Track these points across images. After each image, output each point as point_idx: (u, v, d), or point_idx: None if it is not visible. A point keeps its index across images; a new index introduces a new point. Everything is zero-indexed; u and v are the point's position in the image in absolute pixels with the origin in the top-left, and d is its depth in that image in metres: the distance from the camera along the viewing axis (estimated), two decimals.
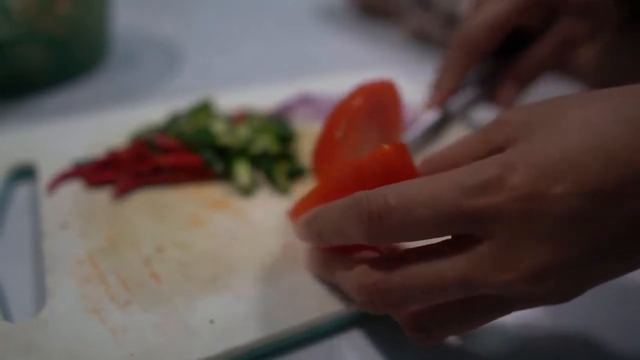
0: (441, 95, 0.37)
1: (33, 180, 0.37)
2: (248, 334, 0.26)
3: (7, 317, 0.28)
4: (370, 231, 0.22)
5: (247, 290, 0.29)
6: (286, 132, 0.40)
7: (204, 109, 0.41)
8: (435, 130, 0.37)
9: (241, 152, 0.37)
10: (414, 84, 0.48)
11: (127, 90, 0.51)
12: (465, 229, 0.21)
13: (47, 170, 0.37)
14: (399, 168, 0.24)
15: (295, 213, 0.29)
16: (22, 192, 0.37)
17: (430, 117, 0.37)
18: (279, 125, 0.40)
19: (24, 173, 0.38)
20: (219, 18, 0.69)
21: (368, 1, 0.71)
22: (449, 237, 0.22)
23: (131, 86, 0.52)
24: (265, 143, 0.38)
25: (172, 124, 0.40)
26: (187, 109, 0.42)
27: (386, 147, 0.24)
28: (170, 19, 0.68)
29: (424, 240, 0.22)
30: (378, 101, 0.33)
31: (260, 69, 0.56)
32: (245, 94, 0.47)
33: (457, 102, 0.38)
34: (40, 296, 0.29)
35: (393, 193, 0.21)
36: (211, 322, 0.27)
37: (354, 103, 0.32)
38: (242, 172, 0.36)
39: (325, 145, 0.33)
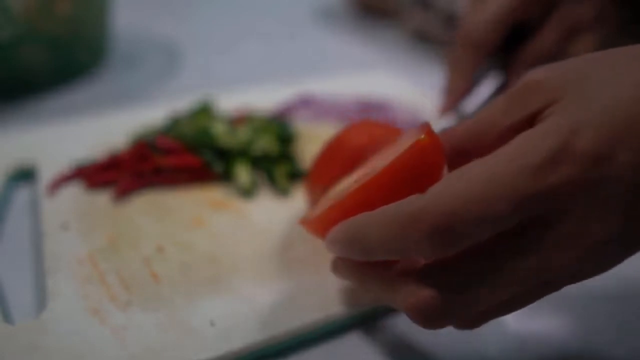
0: (453, 98, 0.36)
1: (34, 181, 0.38)
2: (248, 335, 0.26)
3: (8, 318, 0.28)
4: (440, 246, 0.19)
5: (247, 291, 0.29)
6: (286, 133, 0.40)
7: (204, 110, 0.41)
8: None
9: (241, 153, 0.37)
10: (415, 84, 0.48)
11: (127, 91, 0.51)
12: (538, 212, 0.18)
13: (48, 172, 0.37)
14: (438, 160, 0.22)
15: (321, 224, 0.25)
16: (22, 194, 0.37)
17: (445, 123, 0.36)
18: (279, 126, 0.40)
19: (25, 174, 0.38)
20: (219, 19, 0.69)
21: (368, 1, 0.71)
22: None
23: (132, 87, 0.52)
24: (265, 144, 0.38)
25: (173, 125, 0.40)
26: (188, 110, 0.42)
27: (423, 137, 0.21)
28: (171, 20, 0.68)
29: None
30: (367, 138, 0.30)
31: (260, 69, 0.56)
32: (245, 95, 0.47)
33: (470, 103, 0.37)
34: (41, 297, 0.29)
35: (457, 193, 0.18)
36: (212, 322, 0.27)
37: (341, 139, 0.30)
38: (243, 173, 0.36)
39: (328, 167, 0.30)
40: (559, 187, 0.18)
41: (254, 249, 0.31)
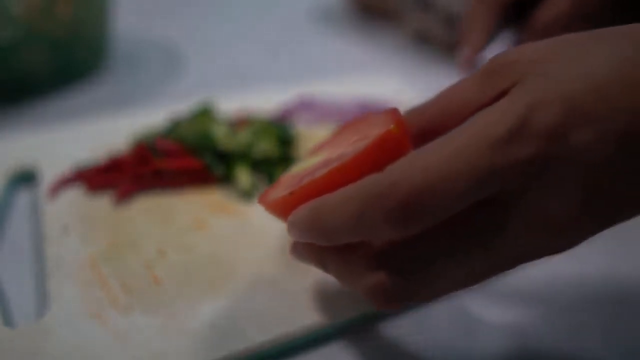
0: (471, 52, 0.36)
1: (34, 184, 0.38)
2: (249, 338, 0.26)
3: (9, 322, 0.28)
4: (402, 225, 0.18)
5: (248, 294, 0.29)
6: (287, 136, 0.40)
7: (204, 113, 0.41)
8: None
9: (242, 155, 0.37)
10: (415, 85, 0.48)
11: (128, 93, 0.51)
12: (497, 189, 0.18)
13: (49, 175, 0.37)
14: (405, 148, 0.22)
15: (282, 207, 0.24)
16: (23, 197, 0.37)
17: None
18: (279, 129, 0.40)
19: (26, 177, 0.38)
20: (220, 21, 0.70)
21: (368, 2, 0.71)
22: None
23: (132, 90, 0.52)
24: (265, 147, 0.38)
25: (173, 128, 0.40)
26: (188, 113, 0.42)
27: (392, 127, 0.21)
28: (172, 23, 0.68)
29: None
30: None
31: (261, 72, 0.56)
32: (246, 98, 0.47)
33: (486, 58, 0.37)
34: (42, 301, 0.29)
35: (417, 171, 0.18)
36: (212, 325, 0.27)
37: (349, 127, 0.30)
38: (243, 176, 0.36)
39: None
40: (517, 163, 0.18)
41: (254, 251, 0.31)
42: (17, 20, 0.44)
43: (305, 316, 0.27)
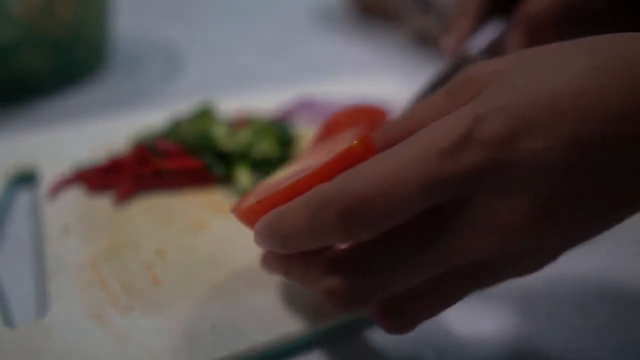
0: (457, 38, 0.36)
1: (34, 185, 0.38)
2: (249, 339, 0.26)
3: (9, 322, 0.28)
4: (350, 229, 0.19)
5: (248, 295, 0.29)
6: (287, 136, 0.40)
7: (205, 113, 0.41)
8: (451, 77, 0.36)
9: (242, 156, 0.37)
10: (416, 86, 0.48)
11: (128, 94, 0.51)
12: (445, 197, 0.19)
13: (49, 175, 0.37)
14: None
15: (250, 216, 0.24)
16: (23, 197, 0.37)
17: (445, 64, 0.35)
18: (279, 129, 0.40)
19: (26, 178, 0.38)
20: (220, 22, 0.70)
21: (368, 3, 0.71)
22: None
23: (132, 90, 0.52)
24: (265, 147, 0.38)
25: (173, 128, 0.40)
26: (188, 113, 0.42)
27: (355, 144, 0.22)
28: (172, 23, 0.68)
29: None
30: (362, 122, 0.32)
31: (261, 72, 0.56)
32: (246, 98, 0.47)
33: (474, 46, 0.37)
34: (42, 302, 0.29)
35: (365, 178, 0.19)
36: (213, 326, 0.27)
37: (338, 122, 0.32)
38: (243, 176, 0.36)
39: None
40: (463, 172, 0.18)
41: (254, 252, 0.31)
42: (17, 20, 0.44)
43: (306, 317, 0.27)
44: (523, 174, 0.18)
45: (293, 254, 0.23)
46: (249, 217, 0.24)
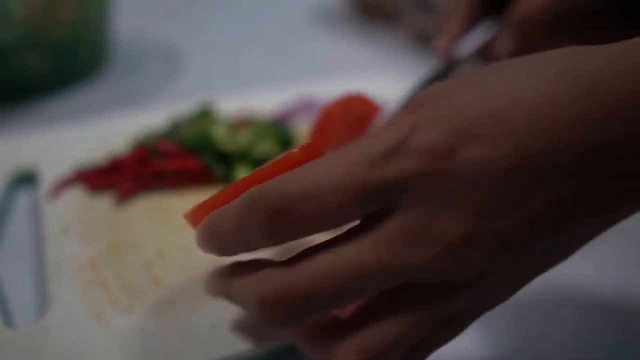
0: (448, 39, 0.36)
1: (35, 185, 0.38)
2: (249, 340, 0.26)
3: (9, 323, 0.28)
4: (273, 231, 0.18)
5: None
6: (287, 137, 0.40)
7: (205, 114, 0.41)
8: (443, 78, 0.35)
9: (242, 156, 0.38)
10: None
11: (128, 94, 0.51)
12: (377, 206, 0.18)
13: (49, 176, 0.37)
14: None
15: (194, 218, 0.24)
16: (23, 198, 0.37)
17: (436, 65, 0.35)
18: (279, 130, 0.40)
19: (26, 178, 0.38)
20: (220, 23, 0.70)
21: (368, 3, 0.71)
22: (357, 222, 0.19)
23: (132, 91, 0.52)
24: (266, 147, 0.38)
25: (174, 129, 0.40)
26: (188, 114, 0.42)
27: (296, 152, 0.21)
28: (172, 24, 0.68)
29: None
30: (355, 113, 0.33)
31: (261, 73, 0.56)
32: (246, 99, 0.47)
33: (465, 47, 0.37)
34: (42, 302, 0.29)
35: (293, 180, 0.18)
36: (212, 327, 0.27)
37: (332, 113, 0.32)
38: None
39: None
40: (394, 178, 0.18)
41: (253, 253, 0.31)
42: (17, 20, 0.44)
43: None
44: (460, 183, 0.17)
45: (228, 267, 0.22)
46: (193, 219, 0.24)
